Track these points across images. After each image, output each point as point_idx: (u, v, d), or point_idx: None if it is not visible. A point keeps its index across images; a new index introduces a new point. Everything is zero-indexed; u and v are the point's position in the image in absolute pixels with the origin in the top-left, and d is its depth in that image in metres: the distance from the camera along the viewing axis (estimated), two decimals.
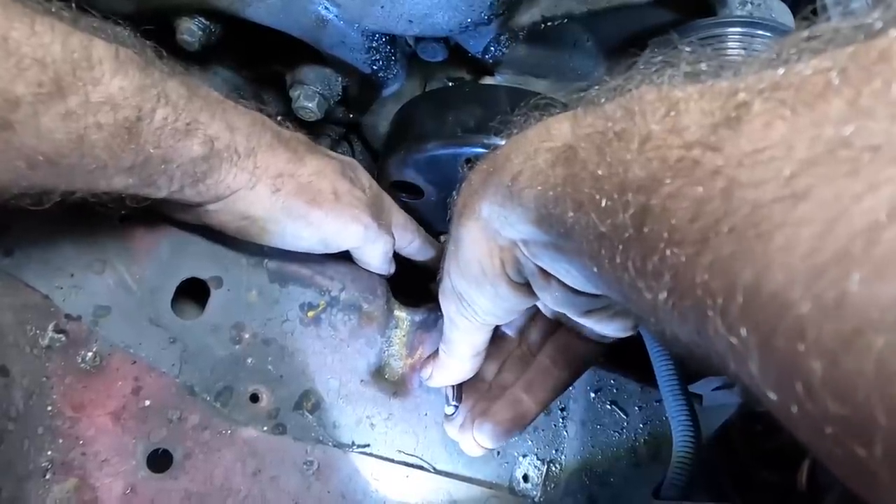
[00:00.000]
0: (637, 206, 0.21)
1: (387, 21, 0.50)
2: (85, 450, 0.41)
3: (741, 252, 0.16)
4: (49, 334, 0.42)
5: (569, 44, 0.60)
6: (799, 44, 0.19)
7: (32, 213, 0.34)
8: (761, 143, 0.17)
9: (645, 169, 0.21)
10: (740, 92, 0.19)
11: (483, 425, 0.45)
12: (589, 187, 0.24)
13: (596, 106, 0.28)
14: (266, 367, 0.48)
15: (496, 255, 0.37)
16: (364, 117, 0.68)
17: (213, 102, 0.40)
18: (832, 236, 0.14)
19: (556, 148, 0.29)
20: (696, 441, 0.45)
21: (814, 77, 0.17)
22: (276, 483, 0.46)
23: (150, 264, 0.45)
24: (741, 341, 0.16)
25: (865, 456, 0.13)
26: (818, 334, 0.14)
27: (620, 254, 0.22)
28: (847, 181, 0.14)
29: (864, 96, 0.15)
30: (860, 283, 0.13)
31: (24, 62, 0.28)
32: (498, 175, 0.34)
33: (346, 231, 0.47)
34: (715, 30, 0.48)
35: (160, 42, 0.38)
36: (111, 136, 0.33)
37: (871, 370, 0.13)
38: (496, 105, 0.52)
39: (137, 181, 0.37)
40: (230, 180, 0.41)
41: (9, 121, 0.29)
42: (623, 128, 0.23)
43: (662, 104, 0.22)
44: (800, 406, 0.15)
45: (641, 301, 0.21)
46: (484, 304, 0.40)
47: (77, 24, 0.32)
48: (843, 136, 0.15)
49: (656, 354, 0.49)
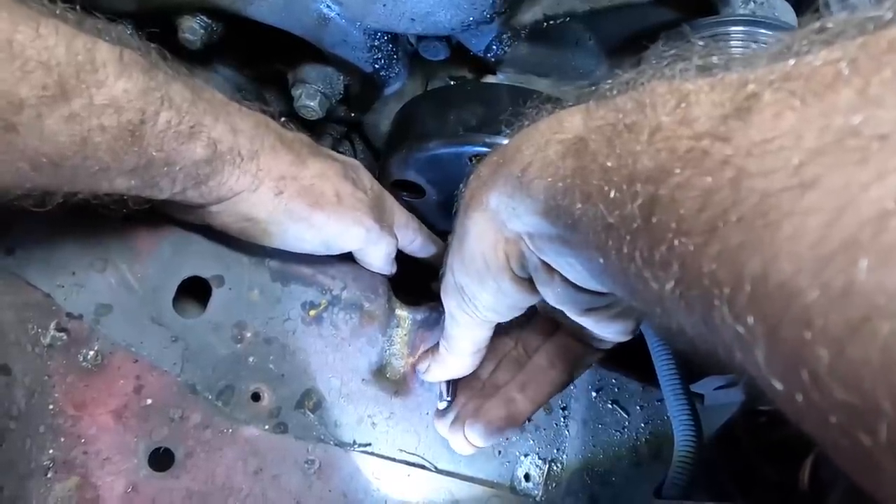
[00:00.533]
0: (645, 197, 0.21)
1: (389, 19, 0.50)
2: (86, 448, 0.41)
3: (749, 242, 0.16)
4: (51, 333, 0.42)
5: (571, 42, 0.60)
6: (809, 36, 0.19)
7: (34, 212, 0.34)
8: (770, 133, 0.17)
9: (654, 160, 0.21)
10: (750, 83, 0.19)
11: (475, 423, 0.45)
12: (598, 178, 0.24)
13: (608, 99, 0.28)
14: (268, 365, 0.48)
15: (501, 248, 0.37)
16: (366, 116, 0.68)
17: (216, 105, 0.40)
18: (840, 225, 0.14)
19: (568, 140, 0.29)
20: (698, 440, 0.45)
21: (824, 67, 0.17)
22: (277, 482, 0.46)
23: (152, 263, 0.45)
24: (748, 330, 0.16)
25: (870, 444, 0.13)
26: (825, 322, 0.14)
27: (628, 244, 0.22)
28: (855, 170, 0.14)
29: (874, 85, 0.15)
30: (867, 271, 0.13)
31: (29, 65, 0.29)
32: (508, 166, 0.34)
33: (347, 233, 0.47)
34: (717, 28, 0.48)
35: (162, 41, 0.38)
36: (114, 138, 0.33)
37: (877, 357, 0.13)
38: (498, 104, 0.51)
39: (140, 183, 0.37)
40: (233, 182, 0.41)
41: (12, 123, 0.29)
42: (634, 120, 0.23)
43: (673, 96, 0.22)
44: (805, 395, 0.15)
45: (648, 292, 0.22)
46: (486, 299, 0.40)
47: (81, 27, 0.32)
48: (851, 126, 0.15)
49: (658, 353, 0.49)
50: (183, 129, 0.37)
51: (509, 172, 0.33)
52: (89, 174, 0.33)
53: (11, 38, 0.28)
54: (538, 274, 0.36)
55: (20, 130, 0.29)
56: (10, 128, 0.29)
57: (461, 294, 0.41)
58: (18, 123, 0.29)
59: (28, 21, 0.29)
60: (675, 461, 0.45)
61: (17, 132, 0.29)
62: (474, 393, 0.49)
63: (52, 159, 0.31)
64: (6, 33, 0.28)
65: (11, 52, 0.28)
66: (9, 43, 0.28)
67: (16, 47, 0.28)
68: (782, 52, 0.20)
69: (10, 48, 0.28)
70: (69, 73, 0.30)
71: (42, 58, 0.29)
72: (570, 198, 0.27)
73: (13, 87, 0.28)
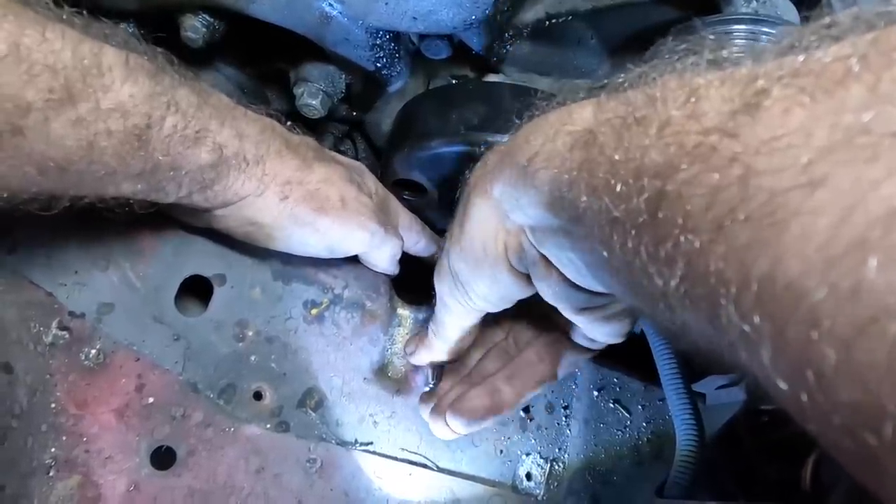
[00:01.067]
0: (652, 191, 0.21)
1: (391, 18, 0.50)
2: (88, 447, 0.41)
3: (757, 241, 0.16)
4: (53, 331, 0.42)
5: (573, 41, 0.60)
6: (819, 31, 0.19)
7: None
8: (779, 131, 0.17)
9: (662, 154, 0.21)
10: (759, 79, 0.19)
11: (458, 411, 0.45)
12: (605, 171, 0.24)
13: (619, 92, 0.28)
14: (269, 364, 0.48)
15: (501, 237, 0.37)
16: (367, 115, 0.68)
17: (223, 109, 0.40)
18: (849, 224, 0.14)
19: (577, 132, 0.29)
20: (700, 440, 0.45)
21: (833, 64, 0.17)
22: (279, 481, 0.46)
23: (154, 262, 0.45)
24: (754, 330, 0.16)
25: (875, 445, 0.13)
26: (833, 322, 0.14)
27: (633, 238, 0.22)
28: (865, 168, 0.14)
29: (885, 82, 0.15)
30: (877, 270, 0.13)
31: (35, 69, 0.29)
32: (515, 155, 0.34)
33: (351, 238, 0.47)
34: (720, 27, 0.48)
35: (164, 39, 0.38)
36: (120, 142, 0.33)
37: (884, 358, 0.13)
38: (500, 103, 0.51)
39: (146, 187, 0.37)
40: (238, 187, 0.42)
41: (19, 127, 0.29)
42: (644, 114, 0.23)
43: (683, 91, 0.22)
44: (810, 395, 0.15)
45: (652, 288, 0.21)
46: (479, 288, 0.40)
47: (88, 31, 0.32)
48: (862, 123, 0.15)
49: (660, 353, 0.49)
50: (189, 133, 0.37)
51: (516, 162, 0.33)
52: (95, 178, 0.34)
53: (18, 42, 0.28)
54: (536, 269, 0.36)
55: (27, 134, 0.29)
56: (17, 131, 0.29)
57: (455, 280, 0.41)
58: (25, 127, 0.29)
59: (34, 25, 0.29)
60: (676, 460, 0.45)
61: (23, 136, 0.29)
62: (460, 379, 0.49)
63: (58, 163, 0.31)
64: (13, 37, 0.28)
65: (18, 56, 0.28)
66: (15, 47, 0.28)
67: (22, 51, 0.28)
68: (791, 46, 0.20)
69: (16, 52, 0.28)
70: (75, 77, 0.30)
71: (48, 62, 0.29)
72: (576, 190, 0.26)
73: (20, 91, 0.28)
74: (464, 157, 0.51)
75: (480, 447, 0.54)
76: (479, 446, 0.54)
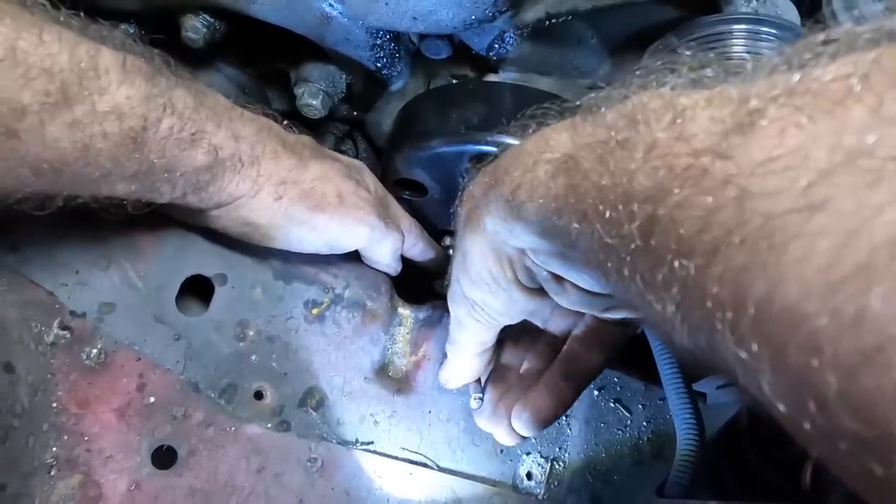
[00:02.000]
0: (643, 217, 0.20)
1: (391, 18, 0.50)
2: (89, 446, 0.42)
3: (753, 264, 0.16)
4: (54, 331, 0.42)
5: (573, 41, 0.60)
6: (814, 48, 0.18)
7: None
8: (775, 152, 0.16)
9: (651, 178, 0.20)
10: (752, 98, 0.18)
11: (522, 413, 0.44)
12: (592, 198, 0.24)
13: (595, 114, 0.27)
14: (270, 364, 0.48)
15: (506, 264, 0.36)
16: (368, 115, 0.68)
17: (219, 111, 0.40)
18: (852, 249, 0.13)
19: (556, 159, 0.28)
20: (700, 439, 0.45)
21: (833, 83, 0.16)
22: (279, 480, 0.46)
23: (155, 261, 0.45)
24: (752, 355, 0.16)
25: (883, 474, 0.13)
26: (835, 350, 0.13)
27: (628, 265, 0.22)
28: (868, 192, 0.14)
29: (888, 103, 0.15)
30: (882, 298, 0.13)
31: (32, 71, 0.29)
32: (498, 188, 0.33)
33: (351, 233, 0.47)
34: (720, 27, 0.48)
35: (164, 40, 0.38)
36: (116, 145, 0.33)
37: (892, 388, 0.12)
38: (500, 102, 0.51)
39: (140, 188, 0.37)
40: (232, 188, 0.41)
41: (15, 129, 0.29)
42: (626, 136, 0.23)
43: (668, 111, 0.21)
44: (812, 421, 0.14)
45: (651, 312, 0.21)
46: (498, 306, 0.40)
47: (85, 33, 0.32)
48: (864, 145, 0.14)
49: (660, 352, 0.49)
50: (185, 135, 0.37)
51: (500, 195, 0.33)
52: (90, 179, 0.34)
53: (14, 45, 0.28)
54: (549, 284, 0.36)
55: (22, 137, 0.29)
56: (13, 134, 0.29)
57: (471, 305, 0.41)
58: (21, 130, 0.29)
59: (31, 28, 0.29)
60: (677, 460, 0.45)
61: (19, 138, 0.29)
62: (510, 384, 0.48)
63: (53, 165, 0.31)
64: (9, 40, 0.28)
65: (14, 59, 0.28)
66: (12, 50, 0.28)
67: (19, 54, 0.28)
68: (784, 65, 0.19)
69: (13, 55, 0.28)
70: (72, 79, 0.30)
71: (45, 64, 0.29)
72: (566, 217, 0.26)
73: (16, 94, 0.28)
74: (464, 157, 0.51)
75: (481, 446, 0.54)
76: (479, 446, 0.54)
